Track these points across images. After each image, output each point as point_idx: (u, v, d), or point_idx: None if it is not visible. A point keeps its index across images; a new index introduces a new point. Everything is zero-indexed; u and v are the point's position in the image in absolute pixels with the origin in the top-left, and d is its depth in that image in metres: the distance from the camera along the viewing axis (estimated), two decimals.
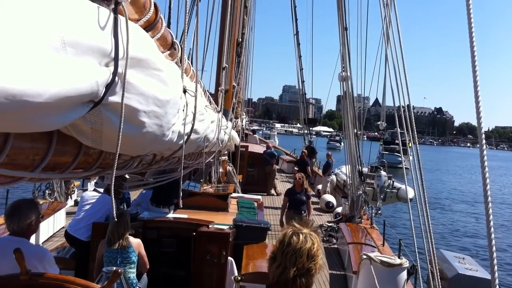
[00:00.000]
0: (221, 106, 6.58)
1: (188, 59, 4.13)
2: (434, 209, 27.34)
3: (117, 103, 1.68)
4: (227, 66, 8.68)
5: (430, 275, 5.09)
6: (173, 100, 2.34)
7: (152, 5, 2.22)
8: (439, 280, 5.03)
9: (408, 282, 6.18)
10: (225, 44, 8.05)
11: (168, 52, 2.86)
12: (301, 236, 2.44)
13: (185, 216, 7.01)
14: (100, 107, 1.61)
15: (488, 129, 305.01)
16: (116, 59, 1.60)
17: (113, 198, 2.00)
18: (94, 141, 1.79)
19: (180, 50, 3.02)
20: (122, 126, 1.71)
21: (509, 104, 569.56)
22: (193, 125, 3.28)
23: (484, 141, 1.90)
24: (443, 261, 8.37)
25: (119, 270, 3.76)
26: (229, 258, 6.24)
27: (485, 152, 1.87)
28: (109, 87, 1.58)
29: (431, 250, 5.00)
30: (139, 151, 2.47)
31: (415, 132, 5.99)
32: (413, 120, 5.88)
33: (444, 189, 41.31)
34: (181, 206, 4.58)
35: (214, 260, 6.09)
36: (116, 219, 4.84)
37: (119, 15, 1.67)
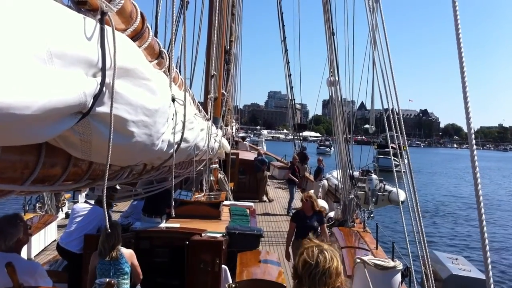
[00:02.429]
0: (210, 114, 6.57)
1: (176, 68, 4.13)
2: (431, 212, 27.38)
3: (106, 114, 1.67)
4: (215, 73, 8.69)
5: (424, 277, 5.10)
6: (162, 109, 2.34)
7: (139, 15, 2.22)
8: (433, 281, 5.05)
9: (403, 285, 6.18)
10: (213, 51, 8.07)
11: (156, 61, 2.86)
12: (326, 254, 2.30)
13: (178, 225, 6.99)
14: (89, 118, 1.61)
15: (474, 130, 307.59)
16: (103, 69, 1.60)
17: (106, 209, 1.98)
18: (83, 152, 1.78)
19: (168, 59, 3.02)
20: (111, 137, 1.71)
21: (492, 105, 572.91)
22: (182, 133, 3.27)
23: (474, 141, 1.91)
24: (436, 262, 8.39)
25: (112, 281, 3.74)
26: (223, 266, 6.22)
27: (475, 152, 1.89)
28: (97, 97, 1.57)
29: (424, 252, 5.02)
30: (129, 161, 2.46)
31: (405, 135, 6.04)
32: (402, 123, 5.92)
33: (443, 192, 40.74)
34: (173, 215, 4.55)
35: (208, 269, 6.06)
36: (109, 230, 4.81)
37: (105, 25, 1.67)
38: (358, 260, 5.89)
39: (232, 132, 24.55)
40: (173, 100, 2.97)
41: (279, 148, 43.21)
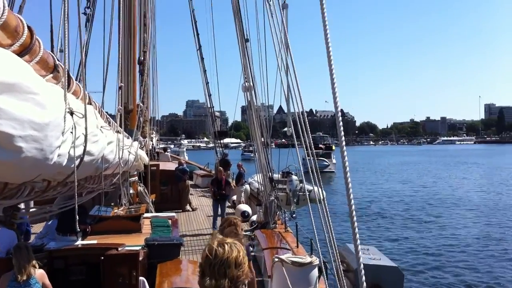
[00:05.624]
0: (120, 126, 6.48)
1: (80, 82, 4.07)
2: (360, 210, 28.05)
3: None
4: (122, 85, 8.56)
5: (335, 270, 5.34)
6: (53, 123, 2.32)
7: (26, 29, 2.20)
8: (342, 273, 5.29)
9: (321, 279, 6.38)
10: (120, 63, 7.96)
11: (51, 75, 2.83)
12: (226, 246, 2.42)
13: (95, 241, 6.83)
14: None
15: (387, 126, 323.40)
16: None
17: None
18: None
19: (64, 72, 2.99)
20: None
21: (402, 102, 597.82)
22: (85, 147, 3.24)
23: (343, 138, 2.08)
24: (349, 253, 8.71)
25: None
26: (141, 278, 6.14)
27: (344, 148, 2.05)
28: None
29: (333, 246, 5.26)
30: (22, 177, 2.41)
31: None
32: (303, 126, 6.14)
33: (372, 190, 39.75)
34: (79, 230, 4.46)
35: (126, 282, 5.97)
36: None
37: None
38: (276, 259, 6.01)
39: (153, 144, 24.21)
40: (72, 113, 2.94)
41: (201, 156, 42.85)
